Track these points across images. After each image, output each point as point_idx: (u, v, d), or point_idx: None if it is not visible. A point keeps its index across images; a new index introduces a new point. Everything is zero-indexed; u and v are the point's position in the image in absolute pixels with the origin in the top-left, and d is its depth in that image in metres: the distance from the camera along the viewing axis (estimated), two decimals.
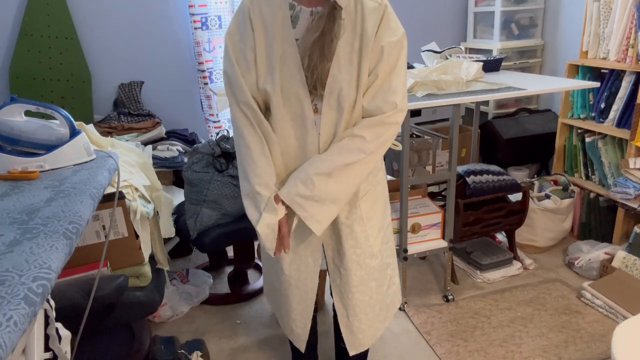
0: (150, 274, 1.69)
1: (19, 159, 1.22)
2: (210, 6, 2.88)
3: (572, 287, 2.37)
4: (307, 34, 1.21)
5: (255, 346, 2.08)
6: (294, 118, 1.27)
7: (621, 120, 2.52)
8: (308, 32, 1.21)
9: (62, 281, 1.45)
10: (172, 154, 2.73)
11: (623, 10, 2.41)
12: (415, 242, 2.24)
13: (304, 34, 1.22)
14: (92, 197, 1.08)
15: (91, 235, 1.54)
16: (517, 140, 3.11)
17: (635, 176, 2.38)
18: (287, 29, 1.21)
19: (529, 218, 2.58)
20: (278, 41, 1.21)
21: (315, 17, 1.21)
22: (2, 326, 0.61)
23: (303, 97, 1.24)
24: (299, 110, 1.25)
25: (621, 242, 2.54)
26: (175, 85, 3.05)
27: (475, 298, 2.32)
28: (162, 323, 2.24)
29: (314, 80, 1.22)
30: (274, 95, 1.23)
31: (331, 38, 1.19)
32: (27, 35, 2.63)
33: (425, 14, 3.41)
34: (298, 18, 1.23)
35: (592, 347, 1.97)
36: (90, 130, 1.78)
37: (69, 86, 2.76)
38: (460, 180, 2.38)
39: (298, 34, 1.23)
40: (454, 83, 2.16)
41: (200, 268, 2.60)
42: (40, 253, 0.80)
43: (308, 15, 1.22)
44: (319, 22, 1.19)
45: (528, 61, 3.34)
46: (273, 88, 1.23)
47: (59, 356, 0.95)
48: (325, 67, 1.21)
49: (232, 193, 2.12)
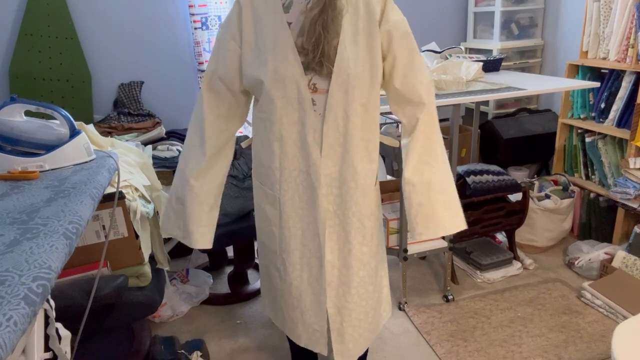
0: (150, 274, 1.69)
1: (19, 159, 1.22)
2: (210, 6, 2.88)
3: (572, 287, 2.37)
4: (303, 15, 1.23)
5: (255, 346, 2.07)
6: (290, 102, 1.25)
7: (621, 120, 2.52)
8: (303, 14, 1.23)
9: (62, 281, 1.45)
10: (172, 154, 2.73)
11: (623, 10, 2.41)
12: (415, 242, 2.24)
13: (298, 17, 1.23)
14: (92, 197, 1.08)
15: (91, 235, 1.54)
16: (517, 140, 3.11)
17: (635, 176, 2.38)
18: (279, 14, 1.23)
19: (529, 218, 2.58)
20: (268, 26, 1.23)
21: (310, 1, 1.22)
22: (2, 326, 0.61)
23: (299, 78, 1.22)
24: (294, 93, 1.24)
25: (621, 242, 2.54)
26: (175, 86, 3.05)
27: (475, 298, 2.32)
28: (162, 323, 2.24)
29: (318, 56, 1.20)
30: (265, 79, 1.23)
31: (336, 14, 1.19)
32: (27, 35, 2.63)
33: (425, 14, 3.41)
34: (292, 3, 1.24)
35: (592, 347, 1.97)
36: (90, 130, 1.78)
37: (69, 86, 2.76)
38: (460, 180, 2.38)
39: (292, 18, 1.24)
40: (454, 83, 2.16)
41: (200, 268, 2.60)
42: (40, 253, 0.80)
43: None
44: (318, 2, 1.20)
45: (528, 61, 3.34)
46: (265, 73, 1.23)
47: (59, 356, 0.95)
48: (332, 43, 1.20)
49: (232, 193, 2.12)
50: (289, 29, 1.22)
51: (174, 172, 2.88)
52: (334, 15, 1.19)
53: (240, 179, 2.13)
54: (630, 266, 2.25)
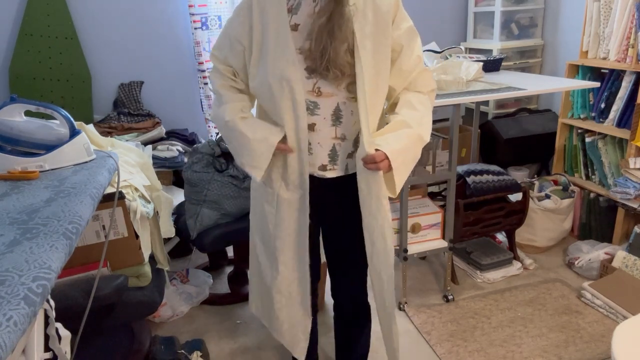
0: (150, 274, 1.69)
1: (19, 159, 1.22)
2: (210, 6, 2.88)
3: (572, 287, 2.37)
4: (311, 18, 1.23)
5: (255, 346, 2.07)
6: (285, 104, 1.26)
7: (621, 120, 2.52)
8: (311, 17, 1.23)
9: (62, 281, 1.45)
10: (172, 154, 2.73)
11: (623, 10, 2.41)
12: (415, 242, 2.24)
13: (306, 19, 1.24)
14: (92, 197, 1.08)
15: (91, 235, 1.54)
16: (517, 140, 3.11)
17: (635, 176, 2.38)
18: (283, 16, 1.24)
19: (529, 218, 2.58)
20: (273, 28, 1.24)
21: (319, 3, 1.23)
22: (2, 326, 0.61)
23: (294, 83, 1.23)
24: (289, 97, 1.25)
25: (621, 242, 2.54)
26: (175, 85, 3.05)
27: (475, 298, 2.32)
28: (162, 323, 2.24)
29: (325, 62, 1.21)
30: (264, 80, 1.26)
31: (344, 21, 1.20)
32: (27, 35, 2.63)
33: (425, 14, 3.41)
34: (300, 5, 1.25)
35: (592, 347, 1.97)
36: (90, 130, 1.78)
37: (69, 86, 2.76)
38: (460, 180, 2.38)
39: (300, 19, 1.25)
40: (454, 83, 2.16)
41: (200, 268, 2.59)
42: (40, 253, 0.80)
43: (311, 1, 1.24)
44: (326, 7, 1.20)
45: (528, 61, 3.34)
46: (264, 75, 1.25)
47: (59, 356, 0.95)
48: (339, 49, 1.21)
49: (232, 193, 2.12)
50: (289, 32, 1.23)
51: (174, 172, 2.90)
52: (342, 22, 1.20)
53: (240, 179, 2.13)
54: (630, 266, 2.25)
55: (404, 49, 1.29)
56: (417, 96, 1.34)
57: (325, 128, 1.30)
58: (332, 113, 1.29)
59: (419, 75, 1.34)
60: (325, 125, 1.30)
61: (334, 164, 1.35)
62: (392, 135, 1.26)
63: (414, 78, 1.33)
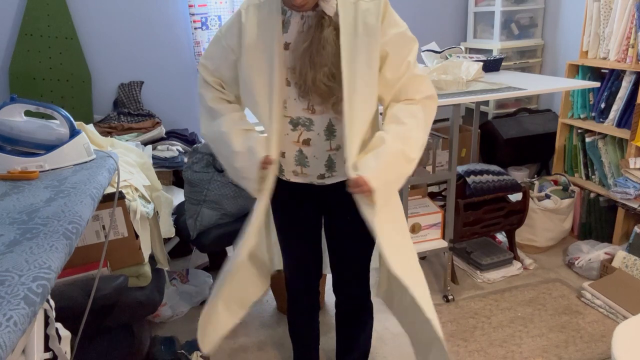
0: (150, 274, 1.69)
1: (19, 159, 1.22)
2: (210, 6, 2.89)
3: (572, 287, 2.37)
4: (298, 38, 1.24)
5: (255, 346, 2.07)
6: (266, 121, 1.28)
7: (621, 120, 2.52)
8: (299, 36, 1.24)
9: (62, 281, 1.45)
10: (172, 154, 2.73)
11: (623, 10, 2.41)
12: (415, 242, 2.24)
13: (296, 37, 1.25)
14: (92, 197, 1.08)
15: (91, 235, 1.54)
16: (517, 140, 3.11)
17: (635, 176, 2.38)
18: (277, 33, 1.24)
19: (529, 218, 2.58)
20: (267, 44, 1.24)
21: (306, 21, 1.23)
22: (2, 326, 0.61)
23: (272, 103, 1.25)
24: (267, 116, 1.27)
25: (621, 242, 2.54)
26: (175, 85, 3.05)
27: (475, 298, 2.32)
28: (162, 323, 2.23)
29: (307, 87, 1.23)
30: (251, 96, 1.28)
31: (321, 46, 1.20)
32: (27, 35, 2.63)
33: (425, 14, 3.41)
34: (289, 22, 1.26)
35: (592, 347, 1.97)
36: (90, 130, 1.78)
37: (69, 86, 2.76)
38: (460, 180, 2.38)
39: (290, 38, 1.25)
40: (454, 83, 2.16)
41: (200, 268, 2.59)
42: (40, 253, 0.80)
43: (299, 19, 1.24)
44: (309, 31, 1.22)
45: (528, 61, 3.34)
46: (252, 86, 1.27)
47: (59, 356, 0.94)
48: (315, 77, 1.21)
49: (232, 193, 2.12)
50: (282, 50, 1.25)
51: (174, 172, 2.90)
52: (320, 48, 1.20)
53: None
54: (630, 266, 2.25)
55: (390, 55, 1.24)
56: (407, 108, 1.27)
57: (320, 142, 1.31)
58: (325, 128, 1.30)
59: (409, 81, 1.27)
60: (320, 140, 1.31)
61: (332, 171, 1.36)
62: (371, 155, 1.22)
63: (402, 84, 1.27)
